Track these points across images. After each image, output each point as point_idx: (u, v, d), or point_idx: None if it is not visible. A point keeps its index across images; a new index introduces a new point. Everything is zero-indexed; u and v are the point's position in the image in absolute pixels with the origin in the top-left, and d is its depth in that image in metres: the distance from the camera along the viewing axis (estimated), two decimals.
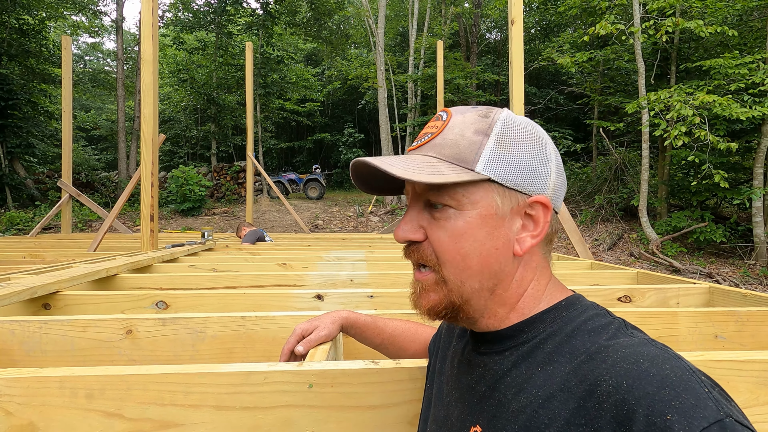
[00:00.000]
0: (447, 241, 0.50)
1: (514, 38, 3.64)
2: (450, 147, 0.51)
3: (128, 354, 1.16)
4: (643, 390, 0.36)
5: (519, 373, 0.48)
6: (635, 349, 0.40)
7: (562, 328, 0.49)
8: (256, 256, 3.19)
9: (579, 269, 2.59)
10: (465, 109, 0.54)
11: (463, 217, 0.50)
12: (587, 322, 0.48)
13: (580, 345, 0.45)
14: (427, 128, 0.55)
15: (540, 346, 0.49)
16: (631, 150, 10.19)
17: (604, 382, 0.39)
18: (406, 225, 0.53)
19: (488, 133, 0.51)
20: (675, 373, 0.36)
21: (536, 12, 13.75)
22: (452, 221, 0.50)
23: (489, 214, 0.50)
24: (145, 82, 3.46)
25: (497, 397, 0.49)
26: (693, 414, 0.33)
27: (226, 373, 0.75)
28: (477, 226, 0.50)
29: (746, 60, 5.78)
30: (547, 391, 0.44)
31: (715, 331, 1.27)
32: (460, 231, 0.50)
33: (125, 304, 1.58)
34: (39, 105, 13.26)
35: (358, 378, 0.77)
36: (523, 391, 0.46)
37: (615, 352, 0.41)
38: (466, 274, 0.51)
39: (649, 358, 0.38)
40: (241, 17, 14.91)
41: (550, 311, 0.52)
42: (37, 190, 12.20)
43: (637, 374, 0.37)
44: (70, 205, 7.10)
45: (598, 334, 0.46)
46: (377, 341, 0.91)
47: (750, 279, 5.71)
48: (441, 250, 0.51)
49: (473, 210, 0.50)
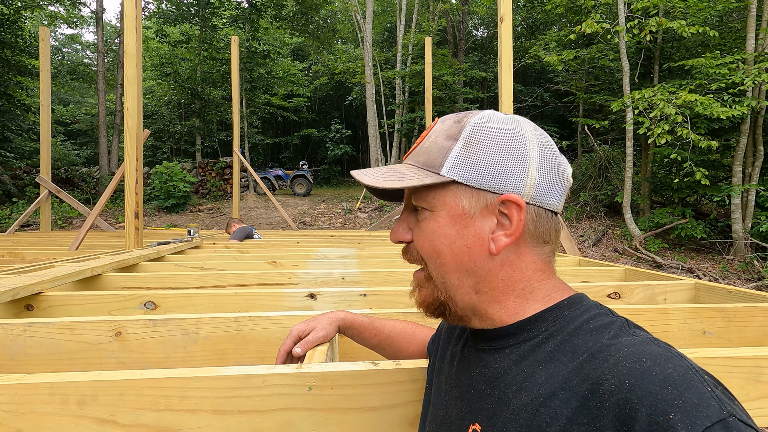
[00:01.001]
0: (423, 240, 0.55)
1: (503, 36, 3.65)
2: (424, 154, 0.55)
3: (117, 357, 1.13)
4: (645, 389, 0.36)
5: (520, 371, 0.48)
6: (638, 348, 0.40)
7: (564, 326, 0.49)
8: (244, 253, 3.15)
9: (567, 266, 2.62)
10: (449, 117, 0.58)
11: (434, 217, 0.53)
12: (589, 321, 0.48)
13: (582, 344, 0.45)
14: (422, 136, 0.59)
15: (542, 344, 0.49)
16: (615, 147, 10.37)
17: (607, 381, 0.39)
18: (398, 227, 0.59)
19: (457, 137, 0.53)
20: (678, 372, 0.36)
21: (523, 10, 13.84)
22: (427, 222, 0.54)
23: (456, 213, 0.52)
24: (129, 76, 3.37)
25: (497, 395, 0.49)
26: (696, 413, 0.33)
27: (224, 376, 0.74)
28: (446, 225, 0.53)
29: (726, 60, 5.92)
30: (548, 389, 0.43)
31: (704, 327, 1.30)
32: (433, 230, 0.53)
33: (112, 304, 1.54)
34: (15, 98, 12.84)
35: (359, 379, 0.77)
36: (525, 389, 0.46)
37: (617, 351, 0.41)
38: (443, 270, 0.54)
39: (652, 357, 0.38)
40: (226, 10, 14.65)
41: (551, 310, 0.52)
42: (14, 186, 11.84)
43: (639, 373, 0.37)
44: (50, 202, 6.90)
45: (600, 333, 0.46)
46: (374, 342, 0.91)
47: (728, 274, 5.88)
48: (420, 248, 0.55)
49: (443, 211, 0.53)
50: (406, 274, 2.13)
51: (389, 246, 3.91)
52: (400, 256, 0.64)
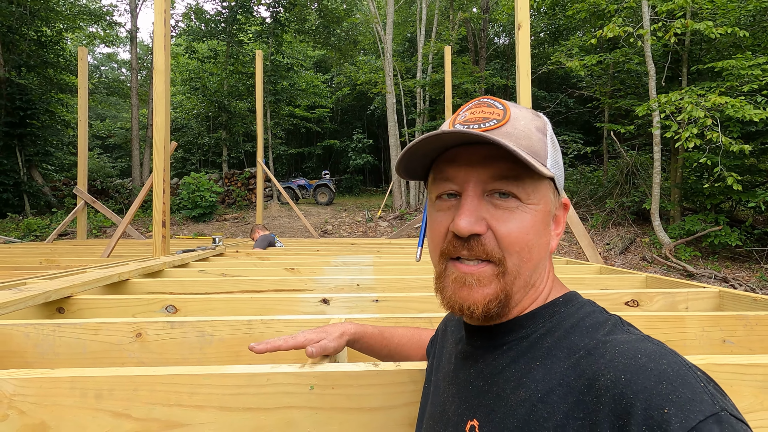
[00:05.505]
0: (516, 232, 0.50)
1: (520, 43, 3.65)
2: (524, 139, 0.50)
3: (138, 357, 1.19)
4: (641, 384, 0.37)
5: (518, 367, 0.49)
6: (633, 345, 0.41)
7: (560, 323, 0.50)
8: (265, 261, 3.22)
9: (588, 273, 2.57)
10: (517, 106, 0.55)
11: (530, 210, 0.50)
12: (584, 318, 0.49)
13: (578, 341, 0.46)
14: (479, 112, 0.53)
15: (539, 341, 0.50)
16: (643, 153, 10.06)
17: (603, 376, 0.40)
18: (470, 217, 0.49)
19: (545, 132, 0.54)
20: (672, 368, 0.37)
21: (544, 16, 13.71)
22: (520, 212, 0.50)
23: (547, 210, 0.52)
24: (158, 91, 3.53)
25: (495, 391, 0.49)
26: (690, 407, 0.34)
27: (230, 374, 0.77)
28: (540, 220, 0.51)
29: (759, 61, 5.69)
30: (546, 385, 0.44)
31: (723, 335, 1.26)
32: (529, 223, 0.50)
33: (136, 308, 1.61)
34: (56, 114, 13.61)
35: (359, 380, 0.79)
36: (522, 386, 0.46)
37: (613, 348, 0.42)
38: (527, 265, 0.51)
39: (647, 354, 0.39)
40: (251, 26, 15.14)
41: (548, 307, 0.53)
42: (54, 197, 12.48)
43: (635, 369, 0.38)
44: (85, 212, 7.24)
45: (595, 330, 0.47)
46: (384, 353, 0.90)
47: (767, 283, 5.58)
48: (510, 241, 0.49)
49: (538, 204, 0.51)
50: (419, 281, 2.14)
51: (407, 254, 3.92)
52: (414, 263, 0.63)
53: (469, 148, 0.51)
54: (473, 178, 0.51)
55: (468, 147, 0.52)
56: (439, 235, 0.53)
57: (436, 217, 0.54)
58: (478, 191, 0.50)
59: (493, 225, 0.50)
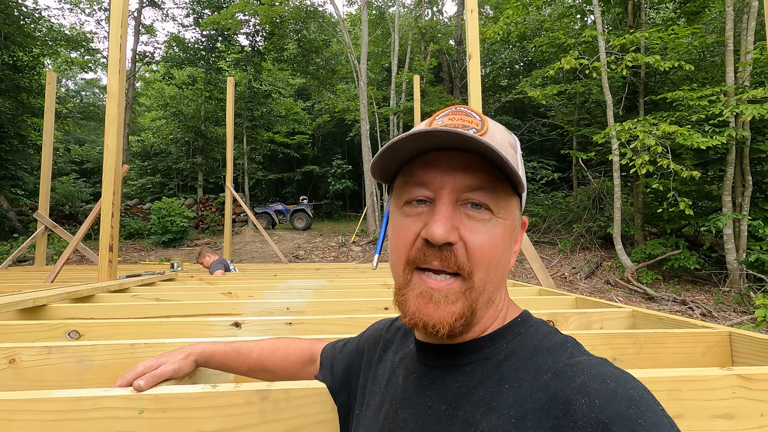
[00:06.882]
0: (488, 245, 0.48)
1: (471, 72, 3.79)
2: (502, 151, 0.46)
3: (10, 384, 1.13)
4: (614, 409, 0.38)
5: (486, 391, 0.47)
6: (599, 370, 0.43)
7: (523, 344, 0.50)
8: (212, 285, 3.16)
9: (528, 295, 2.59)
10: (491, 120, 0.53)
11: (500, 224, 0.49)
12: (544, 339, 0.50)
13: (543, 362, 0.46)
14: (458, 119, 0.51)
15: (504, 362, 0.49)
16: (609, 179, 10.39)
17: (577, 401, 0.40)
18: (445, 224, 0.46)
19: (516, 149, 0.53)
20: (638, 393, 0.39)
21: (517, 48, 14.34)
22: (491, 225, 0.48)
23: (513, 226, 0.52)
24: (110, 115, 3.52)
25: (462, 416, 0.46)
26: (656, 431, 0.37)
27: (54, 399, 0.74)
28: (508, 235, 0.50)
29: (706, 93, 6.03)
30: (519, 411, 0.43)
31: (614, 354, 1.27)
32: (499, 237, 0.49)
33: (37, 333, 1.55)
34: (28, 138, 13.37)
35: (193, 402, 0.76)
36: (493, 411, 0.45)
37: (581, 372, 0.43)
38: (493, 281, 0.49)
39: (614, 379, 0.41)
40: (230, 54, 15.38)
41: (509, 327, 0.52)
42: (19, 222, 12.11)
43: (607, 394, 0.39)
44: (45, 237, 7.03)
45: (557, 352, 0.47)
46: (244, 369, 0.87)
47: (723, 306, 5.71)
48: (481, 253, 0.47)
49: (507, 219, 0.50)
50: (352, 304, 2.12)
51: (365, 277, 3.89)
52: (366, 286, 0.60)
53: (448, 154, 0.49)
54: (449, 185, 0.48)
55: (447, 152, 0.49)
56: (406, 242, 0.50)
57: (404, 223, 0.50)
58: (453, 199, 0.48)
59: (465, 236, 0.47)
